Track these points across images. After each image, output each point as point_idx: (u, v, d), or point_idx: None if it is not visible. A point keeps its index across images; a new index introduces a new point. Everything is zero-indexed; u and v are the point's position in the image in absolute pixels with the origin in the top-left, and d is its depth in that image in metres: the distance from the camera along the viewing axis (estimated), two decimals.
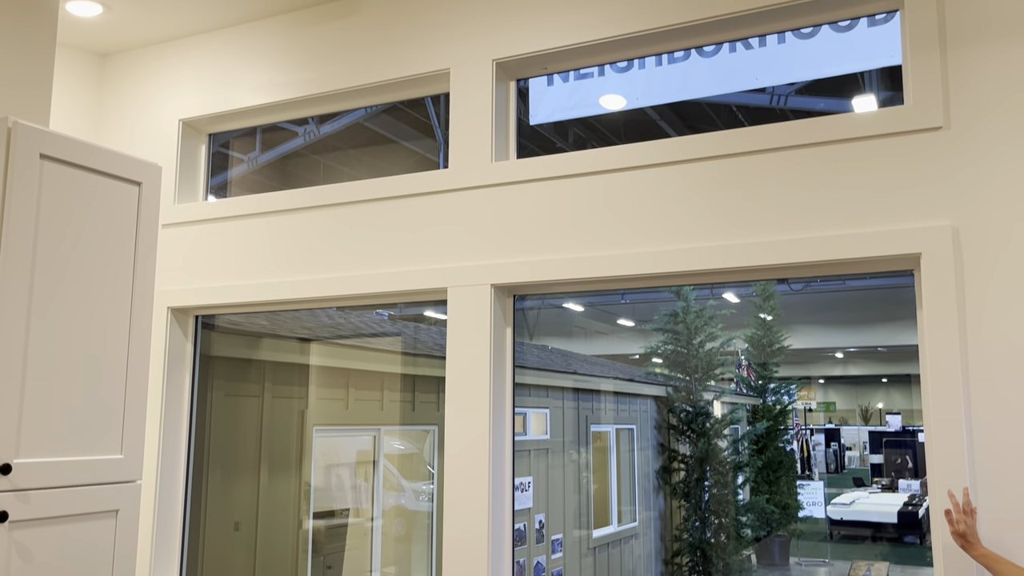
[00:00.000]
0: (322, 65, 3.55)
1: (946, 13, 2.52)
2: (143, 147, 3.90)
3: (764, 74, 3.02)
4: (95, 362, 2.36)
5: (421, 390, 4.27)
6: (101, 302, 2.39)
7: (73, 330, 2.31)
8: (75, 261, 2.34)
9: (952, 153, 2.47)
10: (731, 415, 5.50)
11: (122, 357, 2.44)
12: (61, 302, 2.28)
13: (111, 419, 2.40)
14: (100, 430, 2.36)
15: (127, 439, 2.43)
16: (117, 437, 2.40)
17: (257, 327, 4.09)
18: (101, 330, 2.39)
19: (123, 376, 2.43)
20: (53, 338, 2.26)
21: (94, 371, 2.36)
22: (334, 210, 3.43)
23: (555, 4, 3.11)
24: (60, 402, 2.27)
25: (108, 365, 2.40)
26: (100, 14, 3.69)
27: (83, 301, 2.35)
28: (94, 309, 2.37)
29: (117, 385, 2.42)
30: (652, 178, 2.86)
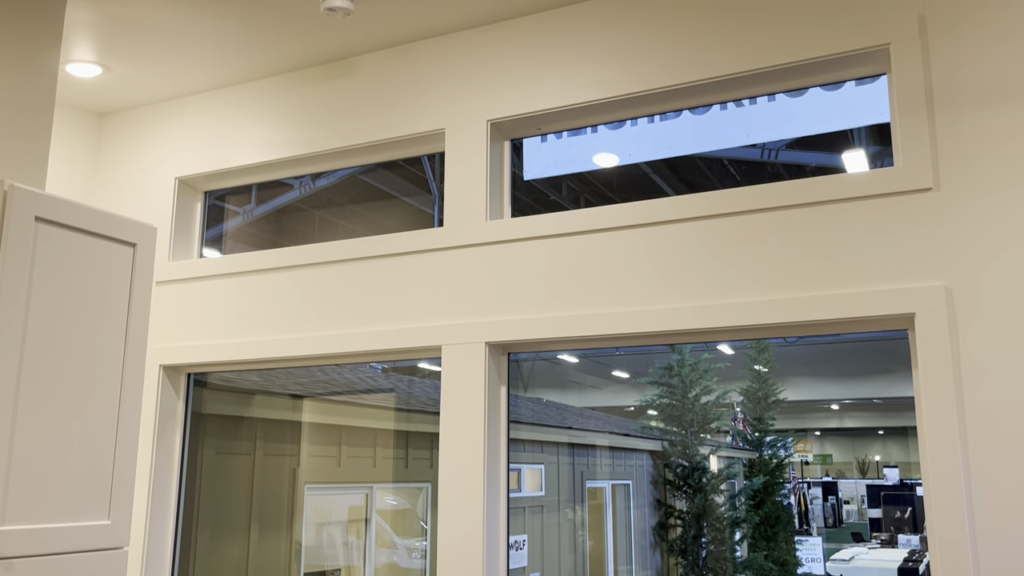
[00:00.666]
0: (318, 124, 3.58)
1: (932, 77, 2.57)
2: (139, 204, 3.92)
3: (754, 131, 3.06)
4: (85, 426, 2.33)
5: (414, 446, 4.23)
6: (92, 364, 2.38)
7: (63, 395, 2.29)
8: (67, 323, 2.32)
9: (943, 213, 2.49)
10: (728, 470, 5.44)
11: (112, 420, 2.41)
12: (51, 366, 2.27)
13: (99, 484, 2.36)
14: (88, 495, 2.33)
15: (115, 504, 2.39)
16: (105, 502, 2.36)
17: (250, 383, 4.06)
18: (92, 393, 2.37)
19: (112, 439, 2.40)
20: (43, 403, 2.24)
21: (84, 435, 2.33)
22: (328, 268, 3.43)
23: (548, 67, 3.16)
24: (48, 467, 2.23)
25: (98, 429, 2.37)
26: (99, 75, 3.73)
27: (74, 364, 2.33)
28: (85, 372, 2.36)
29: (106, 448, 2.38)
30: (645, 237, 2.88)
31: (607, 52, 3.06)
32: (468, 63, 3.32)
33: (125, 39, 3.44)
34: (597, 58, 3.08)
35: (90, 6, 3.18)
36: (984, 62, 2.51)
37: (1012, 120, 2.45)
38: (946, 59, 2.56)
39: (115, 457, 2.41)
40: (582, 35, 3.12)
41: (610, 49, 3.06)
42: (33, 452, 2.20)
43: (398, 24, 3.32)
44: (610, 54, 3.06)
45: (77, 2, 3.16)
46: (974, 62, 2.52)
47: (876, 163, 2.83)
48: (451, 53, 3.36)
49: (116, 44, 3.48)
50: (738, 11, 2.88)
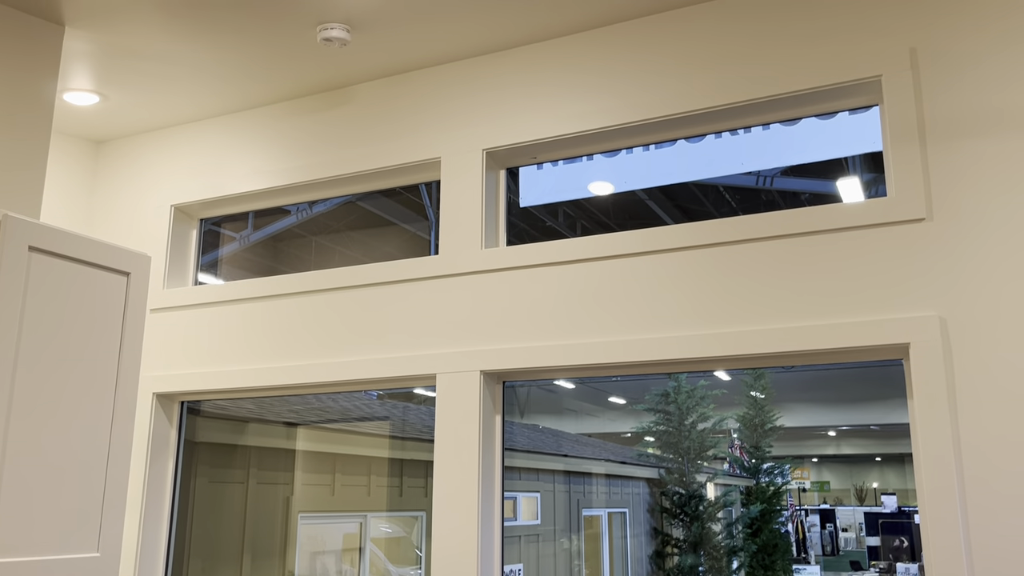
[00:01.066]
0: (314, 153, 3.60)
1: (923, 108, 2.58)
2: (135, 231, 3.92)
3: (749, 159, 3.08)
4: (76, 457, 2.32)
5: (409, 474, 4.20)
6: (84, 394, 2.36)
7: (55, 425, 2.27)
8: (59, 353, 2.31)
9: (936, 244, 2.50)
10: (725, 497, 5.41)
11: (103, 451, 2.39)
12: (43, 396, 2.25)
13: (89, 515, 2.34)
14: (78, 527, 2.30)
15: (104, 536, 2.36)
16: (94, 534, 2.34)
17: (244, 411, 4.03)
18: (83, 423, 2.35)
19: (103, 470, 2.38)
20: (34, 434, 2.22)
21: (74, 467, 2.31)
22: (323, 296, 3.43)
23: (543, 97, 3.18)
24: (38, 500, 2.21)
25: (89, 459, 2.35)
26: (96, 103, 3.75)
27: (66, 394, 2.32)
28: (77, 402, 2.34)
29: (97, 480, 2.36)
30: (641, 266, 2.88)
31: (602, 82, 3.09)
32: (463, 92, 3.34)
33: (122, 68, 3.45)
34: (592, 88, 3.10)
35: (88, 36, 3.20)
36: (974, 94, 2.53)
37: (1003, 151, 2.46)
38: (937, 91, 2.58)
39: (105, 488, 2.39)
40: (577, 65, 3.15)
41: (605, 79, 3.08)
42: (21, 483, 2.18)
43: (394, 54, 3.35)
44: (605, 84, 3.08)
45: (75, 32, 3.18)
46: (965, 94, 2.54)
47: (870, 190, 2.84)
48: (446, 82, 3.38)
49: (113, 73, 3.50)
50: (731, 43, 2.90)
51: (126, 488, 2.44)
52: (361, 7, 3.00)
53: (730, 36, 2.91)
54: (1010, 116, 2.48)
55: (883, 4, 2.70)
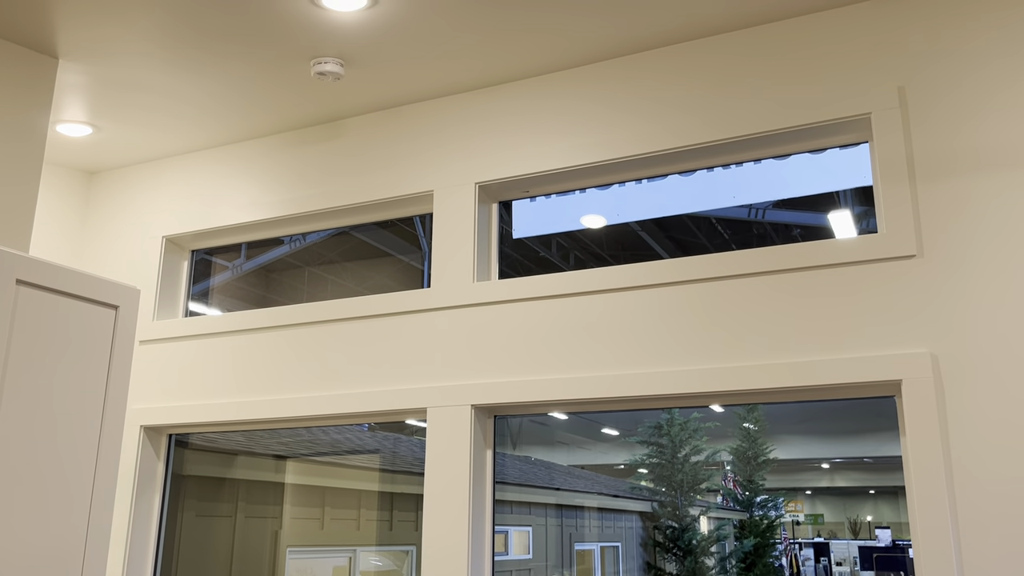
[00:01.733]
0: (307, 185, 3.60)
1: (913, 145, 2.60)
2: (126, 262, 3.91)
3: (741, 192, 3.09)
4: (59, 494, 2.28)
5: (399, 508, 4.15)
6: (69, 428, 2.33)
7: (37, 460, 2.24)
8: (44, 386, 2.29)
9: (927, 280, 2.50)
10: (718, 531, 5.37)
11: (87, 487, 2.36)
12: (27, 430, 2.23)
13: (71, 554, 2.30)
14: (58, 565, 2.26)
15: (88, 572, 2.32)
16: (77, 570, 2.30)
17: (232, 443, 3.99)
18: (67, 459, 2.32)
19: (87, 507, 2.35)
20: (15, 469, 2.19)
21: (57, 504, 2.28)
22: (313, 328, 3.41)
23: (536, 131, 3.19)
24: (19, 537, 2.17)
25: (72, 496, 2.32)
26: (89, 135, 3.75)
27: (50, 428, 2.29)
28: (61, 436, 2.31)
29: (80, 517, 2.33)
30: (633, 300, 2.88)
31: (594, 117, 3.10)
32: (457, 126, 3.35)
33: (116, 100, 3.46)
34: (584, 123, 3.11)
35: (82, 68, 3.21)
36: (962, 132, 2.55)
37: (991, 188, 2.48)
38: (925, 128, 2.60)
39: (88, 525, 2.36)
40: (569, 100, 3.17)
41: (597, 114, 3.10)
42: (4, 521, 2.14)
43: (387, 88, 3.36)
44: (598, 119, 3.09)
45: (69, 65, 3.19)
46: (953, 132, 2.56)
47: (861, 223, 2.85)
48: (440, 116, 3.40)
49: (107, 105, 3.50)
50: (724, 79, 2.92)
51: (110, 525, 2.41)
52: (355, 42, 3.02)
53: (722, 73, 2.93)
54: (997, 154, 2.49)
55: (872, 43, 2.73)
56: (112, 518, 2.44)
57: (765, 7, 2.82)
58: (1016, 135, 2.48)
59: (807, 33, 2.82)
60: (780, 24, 2.87)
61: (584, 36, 2.99)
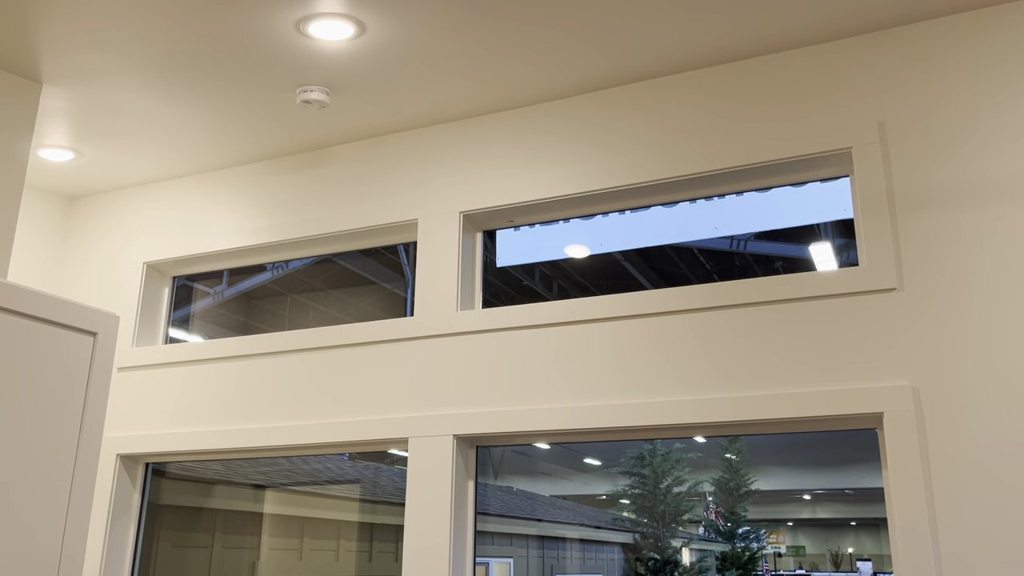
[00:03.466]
0: (290, 212, 3.59)
1: (893, 180, 2.64)
2: (106, 288, 3.87)
3: (723, 224, 3.11)
4: (31, 522, 2.23)
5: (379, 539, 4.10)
6: (43, 456, 2.29)
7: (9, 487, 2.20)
8: (18, 413, 2.25)
9: (907, 313, 2.52)
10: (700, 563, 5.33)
11: (61, 516, 2.31)
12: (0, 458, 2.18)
13: None
14: None
15: None
16: None
17: (210, 472, 3.94)
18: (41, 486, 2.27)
19: (60, 536, 2.30)
20: None
21: (29, 532, 2.23)
22: (294, 356, 3.38)
23: (520, 162, 3.21)
24: None
25: (45, 525, 2.27)
26: (71, 159, 3.73)
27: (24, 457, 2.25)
28: (35, 465, 2.27)
29: (52, 546, 2.28)
30: (616, 331, 2.88)
31: (578, 149, 3.12)
32: (441, 156, 3.36)
33: (99, 125, 3.45)
34: (568, 155, 3.13)
35: (65, 94, 3.20)
36: (942, 166, 2.59)
37: (970, 223, 2.51)
38: (905, 163, 2.63)
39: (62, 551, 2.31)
40: (553, 132, 3.19)
41: (581, 147, 3.12)
42: None
43: (373, 116, 3.37)
44: (581, 151, 3.12)
45: (52, 90, 3.18)
46: (932, 166, 2.60)
47: (842, 255, 2.88)
48: (425, 145, 3.41)
49: (89, 130, 3.49)
50: (706, 113, 2.96)
51: (83, 555, 2.35)
52: (341, 71, 3.03)
53: (705, 107, 2.96)
54: (977, 188, 2.53)
55: (853, 79, 2.77)
56: (86, 547, 2.39)
57: (747, 43, 2.86)
58: (995, 169, 2.52)
59: (789, 68, 2.86)
60: (762, 59, 2.92)
61: (569, 68, 3.02)
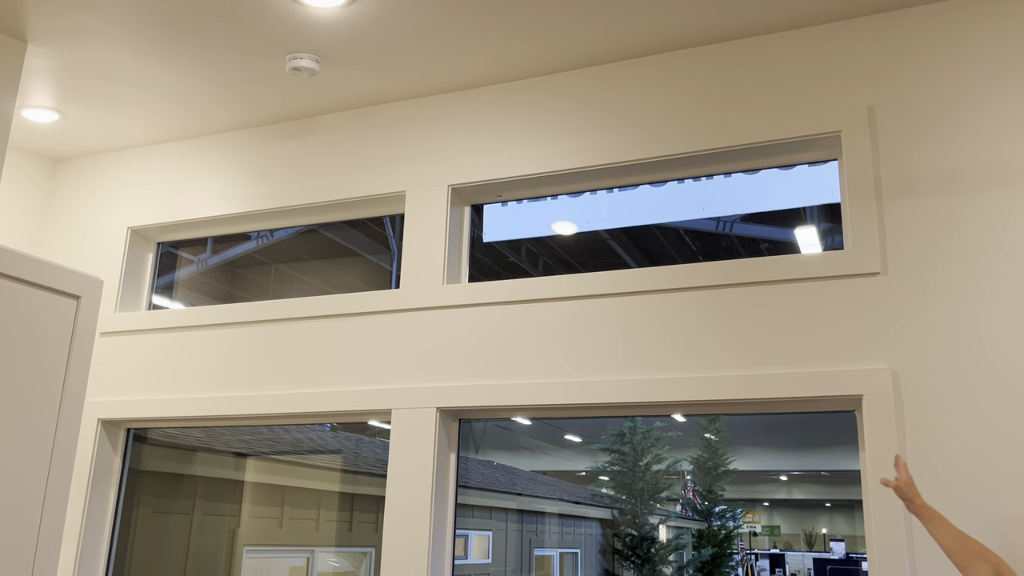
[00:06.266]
0: (277, 181, 3.56)
1: (880, 164, 2.65)
2: (90, 252, 3.83)
3: (710, 205, 3.12)
4: (11, 481, 2.23)
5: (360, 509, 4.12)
6: (23, 419, 2.28)
7: None
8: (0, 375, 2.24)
9: (890, 298, 2.55)
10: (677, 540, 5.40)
11: (42, 476, 2.31)
12: None
13: (24, 543, 2.25)
14: (10, 555, 2.21)
15: (39, 564, 2.27)
16: (28, 563, 2.25)
17: (192, 439, 3.93)
18: (22, 446, 2.27)
19: (41, 497, 2.30)
20: None
21: (9, 491, 2.22)
22: (278, 325, 3.38)
23: (510, 136, 3.20)
24: None
25: (24, 488, 2.27)
26: (56, 121, 3.68)
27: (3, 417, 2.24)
28: (16, 425, 2.26)
29: (34, 506, 2.28)
30: (601, 308, 2.89)
31: (567, 126, 3.12)
32: (431, 128, 3.34)
33: (84, 87, 3.40)
34: (557, 131, 3.13)
35: (51, 53, 3.15)
36: (928, 152, 2.60)
37: (956, 210, 2.53)
38: (893, 148, 2.65)
39: (42, 515, 2.31)
40: (544, 108, 3.18)
41: (570, 123, 3.12)
42: None
43: (363, 86, 3.35)
44: (570, 128, 3.11)
45: (37, 49, 3.13)
46: (919, 152, 2.61)
47: (827, 239, 2.90)
48: (415, 117, 3.39)
49: (74, 91, 3.44)
50: (697, 93, 2.96)
51: (64, 518, 2.36)
52: (332, 39, 3.00)
53: (695, 86, 2.96)
54: (961, 175, 2.55)
55: (844, 63, 2.78)
56: (66, 512, 2.39)
57: (741, 24, 2.86)
58: (983, 156, 2.54)
59: (780, 51, 2.86)
60: (753, 40, 2.91)
61: (561, 43, 3.01)
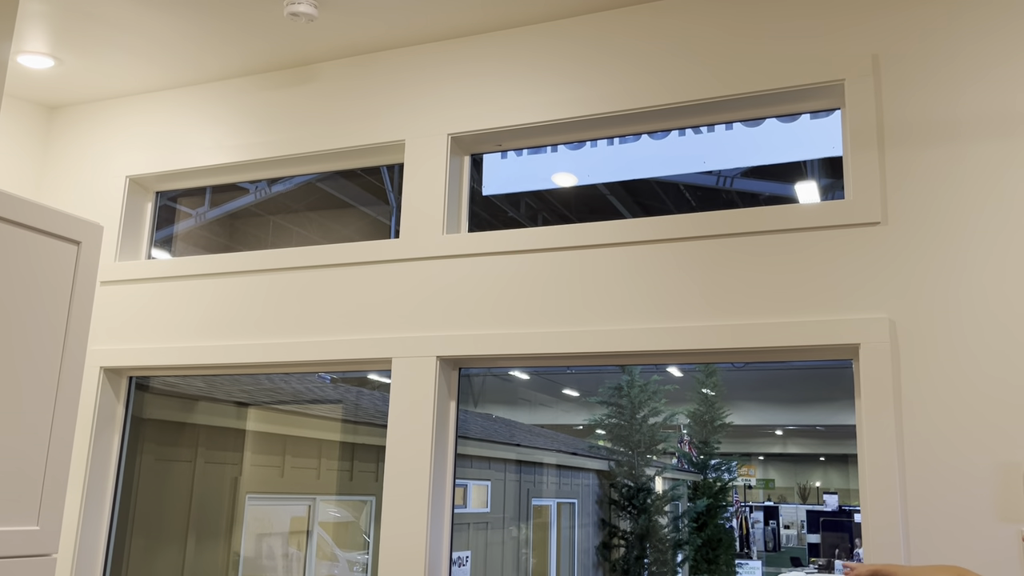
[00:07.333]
0: (276, 130, 3.54)
1: (884, 114, 2.63)
2: (88, 202, 3.82)
3: (711, 158, 3.11)
4: (16, 427, 2.25)
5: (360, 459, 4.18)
6: (27, 364, 2.30)
7: None
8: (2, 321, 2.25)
9: (889, 247, 2.55)
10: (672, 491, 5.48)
11: (46, 423, 2.33)
12: None
13: (30, 488, 2.28)
14: (16, 500, 2.24)
15: (45, 510, 2.30)
16: (34, 508, 2.28)
17: (193, 388, 3.97)
18: (25, 393, 2.29)
19: (46, 443, 2.32)
20: None
21: (14, 437, 2.25)
22: (279, 275, 3.38)
23: (511, 84, 3.17)
24: None
25: (30, 431, 2.29)
26: (51, 67, 3.64)
27: (6, 363, 2.25)
28: (18, 372, 2.28)
29: (39, 453, 2.30)
30: (601, 258, 2.89)
31: (570, 73, 3.09)
32: (431, 76, 3.31)
33: (80, 32, 3.36)
34: (560, 78, 3.10)
35: None
36: (931, 102, 2.59)
37: (958, 160, 2.53)
38: (897, 98, 2.63)
39: (47, 461, 2.33)
40: (545, 55, 3.14)
41: (573, 70, 3.09)
42: None
43: (362, 33, 3.31)
44: (573, 75, 3.08)
45: None
46: (922, 101, 2.60)
47: (827, 195, 2.89)
48: (414, 65, 3.36)
49: (70, 37, 3.40)
50: (699, 40, 2.92)
51: (69, 462, 2.39)
52: None
53: (697, 34, 2.93)
54: (963, 125, 2.54)
55: (848, 10, 2.74)
56: (71, 458, 2.42)
57: None
58: (984, 106, 2.53)
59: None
60: None
61: None
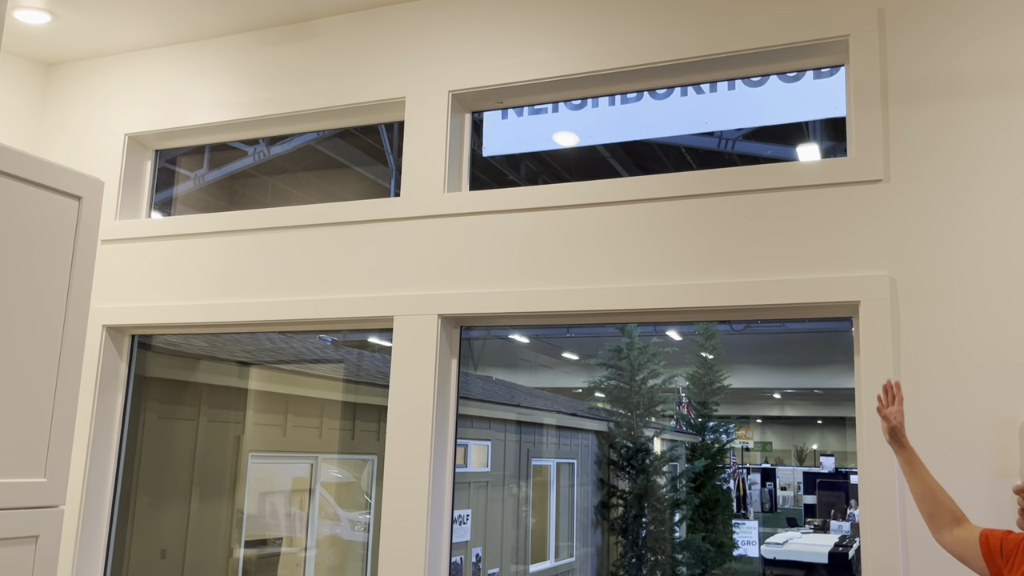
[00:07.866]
0: (276, 87, 3.51)
1: (888, 70, 2.62)
2: (86, 159, 3.80)
3: (713, 119, 3.09)
4: (22, 381, 2.27)
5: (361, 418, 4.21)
6: (31, 319, 2.31)
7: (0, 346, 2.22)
8: (4, 275, 2.25)
9: (891, 205, 2.55)
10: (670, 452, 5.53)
11: (51, 377, 2.35)
12: None
13: (36, 441, 2.30)
14: (23, 452, 2.26)
15: (52, 462, 2.33)
16: (41, 460, 2.30)
17: (196, 348, 3.99)
18: (30, 348, 2.30)
19: (51, 397, 2.34)
20: None
21: (20, 391, 2.26)
22: (281, 233, 3.38)
23: (513, 41, 3.14)
24: None
25: (36, 385, 2.31)
26: (48, 23, 3.60)
27: (11, 317, 2.26)
28: (24, 326, 2.29)
29: (44, 406, 2.32)
30: (602, 216, 2.89)
31: (572, 29, 3.06)
32: (431, 32, 3.28)
33: None
34: (561, 34, 3.07)
35: None
36: (936, 59, 2.57)
37: (960, 117, 2.51)
38: (902, 54, 2.61)
39: (53, 415, 2.35)
40: (546, 11, 3.11)
41: (575, 26, 3.06)
42: None
43: None
44: (575, 31, 3.05)
45: None
46: (927, 58, 2.58)
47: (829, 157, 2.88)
48: (414, 21, 3.32)
49: None
50: None
51: (74, 416, 2.40)
52: None
53: None
54: (968, 83, 2.52)
55: None
56: (75, 416, 2.44)
57: None
58: (989, 63, 2.51)
59: None
60: None
61: None
